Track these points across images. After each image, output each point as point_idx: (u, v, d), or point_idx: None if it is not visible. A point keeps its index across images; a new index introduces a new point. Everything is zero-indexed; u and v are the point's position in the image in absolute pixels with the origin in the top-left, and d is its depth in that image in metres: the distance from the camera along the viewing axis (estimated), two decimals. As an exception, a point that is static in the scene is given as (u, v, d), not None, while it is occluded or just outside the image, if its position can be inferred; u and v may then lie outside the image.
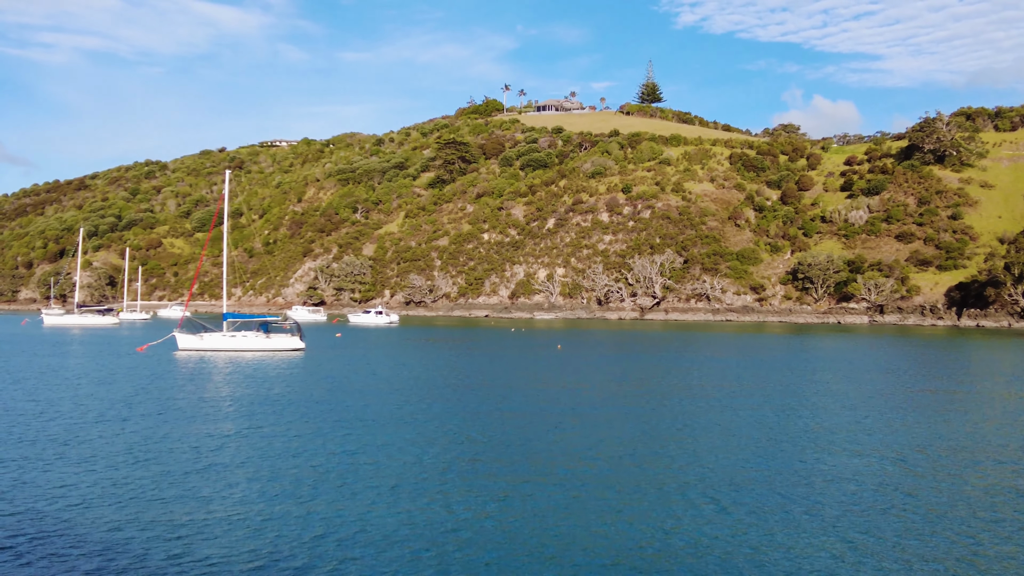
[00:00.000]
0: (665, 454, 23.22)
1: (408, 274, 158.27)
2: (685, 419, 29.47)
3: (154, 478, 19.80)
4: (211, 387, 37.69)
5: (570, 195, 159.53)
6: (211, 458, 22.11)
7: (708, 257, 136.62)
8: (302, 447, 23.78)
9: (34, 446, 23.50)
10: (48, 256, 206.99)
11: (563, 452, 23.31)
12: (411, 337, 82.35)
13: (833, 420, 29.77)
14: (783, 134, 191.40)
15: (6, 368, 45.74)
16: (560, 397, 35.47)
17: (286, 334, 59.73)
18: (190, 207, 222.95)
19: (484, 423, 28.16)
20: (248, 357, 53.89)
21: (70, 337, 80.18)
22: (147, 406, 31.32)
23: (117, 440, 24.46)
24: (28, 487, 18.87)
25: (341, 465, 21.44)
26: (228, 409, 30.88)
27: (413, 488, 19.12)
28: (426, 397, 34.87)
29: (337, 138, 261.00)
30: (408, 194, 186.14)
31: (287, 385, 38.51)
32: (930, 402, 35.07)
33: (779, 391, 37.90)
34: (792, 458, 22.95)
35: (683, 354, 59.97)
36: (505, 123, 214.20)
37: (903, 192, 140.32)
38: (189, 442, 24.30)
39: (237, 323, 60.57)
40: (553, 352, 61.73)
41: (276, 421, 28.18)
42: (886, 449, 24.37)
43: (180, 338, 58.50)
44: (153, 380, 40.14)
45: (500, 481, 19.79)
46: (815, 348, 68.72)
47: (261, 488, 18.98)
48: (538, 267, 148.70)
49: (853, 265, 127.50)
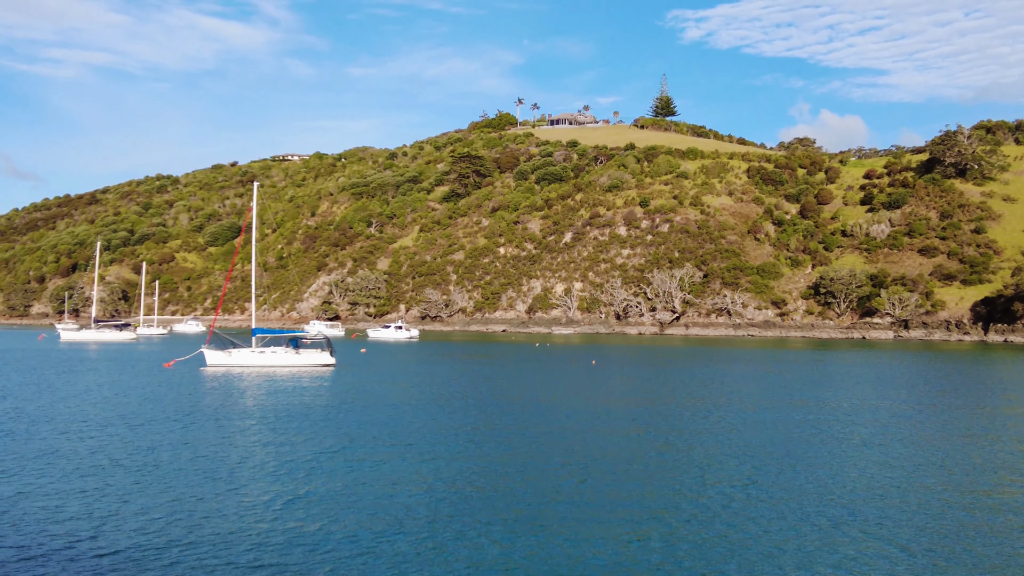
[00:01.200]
0: (805, 477, 21.85)
1: (423, 288, 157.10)
2: (787, 439, 28.08)
3: (251, 512, 18.53)
4: (255, 408, 36.42)
5: (587, 209, 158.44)
6: (303, 486, 20.83)
7: (728, 271, 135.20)
8: (396, 474, 22.47)
9: (105, 474, 22.28)
10: (60, 271, 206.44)
11: (689, 474, 21.95)
12: (437, 352, 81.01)
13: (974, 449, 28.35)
14: (799, 147, 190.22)
15: (48, 387, 44.54)
16: (639, 414, 33.99)
17: (316, 349, 58.40)
18: (202, 221, 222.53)
19: (585, 444, 26.74)
20: (278, 374, 52.63)
21: (92, 353, 79.05)
22: (204, 430, 30.06)
23: (185, 472, 23.21)
24: (127, 518, 17.61)
25: (450, 496, 20.10)
26: (288, 433, 29.61)
27: (549, 523, 17.76)
28: (494, 416, 33.47)
29: (349, 152, 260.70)
30: (422, 208, 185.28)
31: (340, 406, 37.20)
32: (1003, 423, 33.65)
33: (876, 411, 36.47)
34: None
35: (729, 368, 58.49)
36: (519, 137, 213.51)
37: (925, 206, 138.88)
38: (269, 470, 23.03)
39: (266, 338, 59.33)
40: (589, 367, 60.35)
41: (357, 446, 26.86)
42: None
43: (208, 354, 57.24)
44: (194, 399, 38.90)
45: (648, 512, 18.40)
46: (860, 364, 67.17)
47: (372, 522, 17.70)
48: (555, 281, 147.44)
49: (876, 280, 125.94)
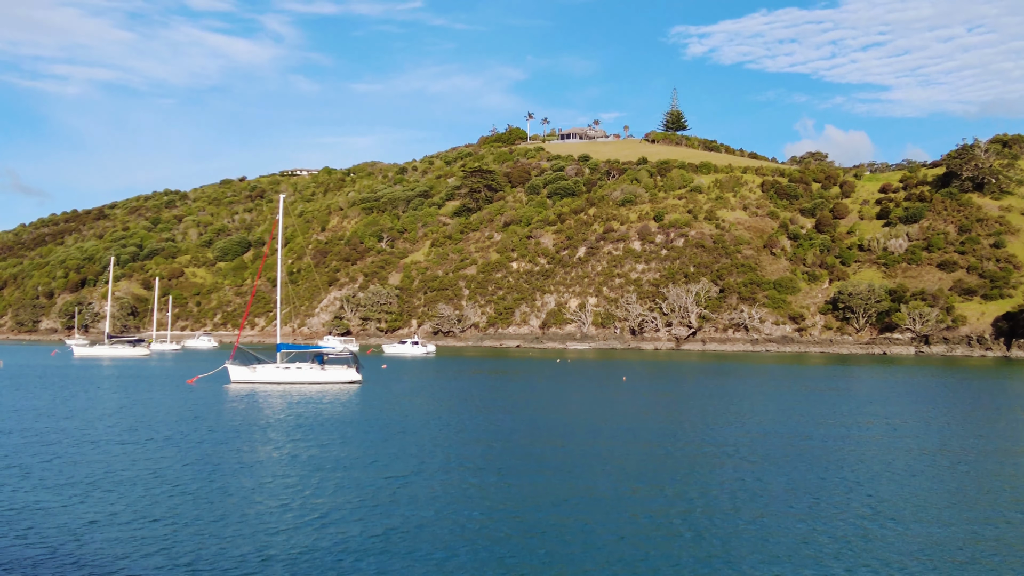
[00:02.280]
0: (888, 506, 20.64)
1: (436, 303, 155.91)
2: (858, 459, 26.86)
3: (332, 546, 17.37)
4: (288, 428, 35.26)
5: (600, 223, 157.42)
6: (380, 515, 19.68)
7: (744, 286, 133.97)
8: (461, 510, 21.32)
9: (163, 500, 21.14)
10: (69, 286, 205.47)
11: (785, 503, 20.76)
12: (459, 368, 79.75)
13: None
14: (812, 162, 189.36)
15: (80, 407, 43.45)
16: (697, 434, 32.79)
17: (342, 366, 57.18)
18: (212, 236, 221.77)
19: (662, 467, 25.58)
20: (304, 390, 51.47)
21: (110, 370, 77.90)
22: (245, 452, 28.92)
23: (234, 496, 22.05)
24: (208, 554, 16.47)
25: (536, 528, 18.95)
26: (336, 452, 28.45)
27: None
28: (552, 436, 32.28)
29: (358, 167, 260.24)
30: (434, 223, 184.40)
31: (380, 426, 36.04)
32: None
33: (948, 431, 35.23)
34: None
35: (770, 385, 57.22)
36: (530, 151, 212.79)
37: (942, 220, 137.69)
38: (328, 495, 21.87)
39: (291, 354, 58.16)
40: (619, 383, 59.12)
41: (418, 473, 25.69)
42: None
43: (232, 370, 56.10)
44: (226, 418, 37.76)
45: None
46: (904, 381, 65.86)
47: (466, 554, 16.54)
48: (569, 296, 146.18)
49: (895, 295, 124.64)
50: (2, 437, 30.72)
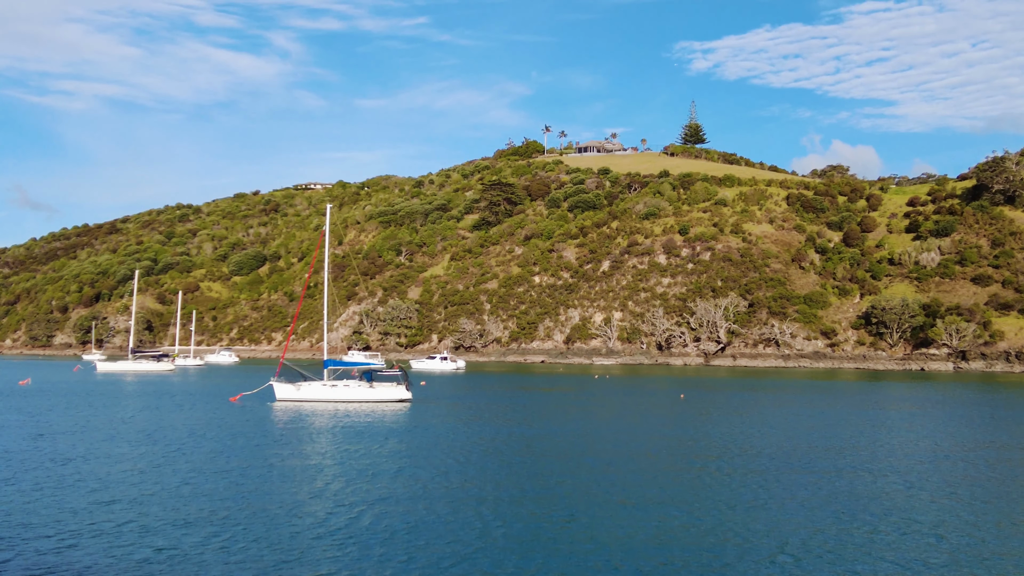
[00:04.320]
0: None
1: (457, 318, 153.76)
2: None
3: None
4: (348, 453, 33.13)
5: (624, 237, 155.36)
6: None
7: (774, 300, 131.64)
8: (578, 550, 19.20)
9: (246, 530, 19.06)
10: (84, 300, 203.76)
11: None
12: (499, 384, 77.40)
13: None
14: (835, 175, 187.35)
15: (128, 428, 41.42)
16: (840, 460, 30.59)
17: (391, 383, 54.96)
18: (226, 250, 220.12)
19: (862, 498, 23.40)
20: (352, 409, 49.30)
21: (140, 386, 75.83)
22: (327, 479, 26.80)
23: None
24: None
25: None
26: (453, 487, 26.32)
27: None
28: (665, 460, 30.12)
29: (372, 180, 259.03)
30: (453, 236, 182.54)
31: (449, 449, 33.89)
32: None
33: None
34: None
35: (844, 401, 54.94)
36: (548, 164, 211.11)
37: (975, 233, 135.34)
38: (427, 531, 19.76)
39: (339, 371, 55.99)
40: (677, 401, 56.87)
41: (518, 504, 23.56)
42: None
43: (278, 388, 53.97)
44: (290, 446, 35.63)
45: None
46: (979, 400, 63.47)
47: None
48: (594, 311, 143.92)
49: (929, 309, 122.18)
50: (92, 463, 28.67)
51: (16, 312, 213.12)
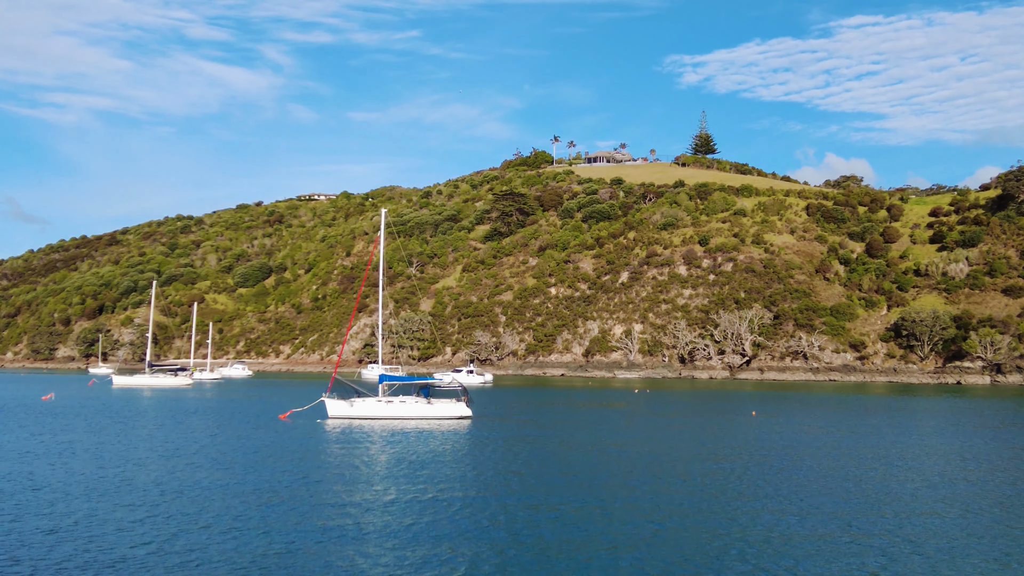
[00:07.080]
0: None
1: (471, 330, 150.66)
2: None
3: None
4: (417, 479, 30.16)
5: (642, 247, 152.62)
6: None
7: (800, 312, 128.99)
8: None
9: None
10: (86, 312, 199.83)
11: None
12: (541, 399, 74.27)
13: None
14: (852, 185, 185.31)
15: (182, 450, 38.33)
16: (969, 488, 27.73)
17: (451, 399, 51.90)
18: (231, 262, 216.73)
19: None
20: (410, 427, 46.27)
21: (163, 402, 72.53)
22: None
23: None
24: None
25: None
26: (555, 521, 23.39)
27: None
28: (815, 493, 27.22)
29: (376, 191, 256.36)
30: (464, 247, 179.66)
31: (542, 476, 30.94)
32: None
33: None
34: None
35: (919, 417, 52.20)
36: (559, 175, 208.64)
37: (1002, 244, 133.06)
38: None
39: (394, 386, 52.93)
40: (749, 418, 53.96)
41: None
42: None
43: (330, 404, 50.88)
44: (356, 471, 32.62)
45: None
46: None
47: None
48: (613, 323, 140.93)
49: (960, 321, 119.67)
50: (205, 493, 25.62)
51: (17, 325, 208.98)
